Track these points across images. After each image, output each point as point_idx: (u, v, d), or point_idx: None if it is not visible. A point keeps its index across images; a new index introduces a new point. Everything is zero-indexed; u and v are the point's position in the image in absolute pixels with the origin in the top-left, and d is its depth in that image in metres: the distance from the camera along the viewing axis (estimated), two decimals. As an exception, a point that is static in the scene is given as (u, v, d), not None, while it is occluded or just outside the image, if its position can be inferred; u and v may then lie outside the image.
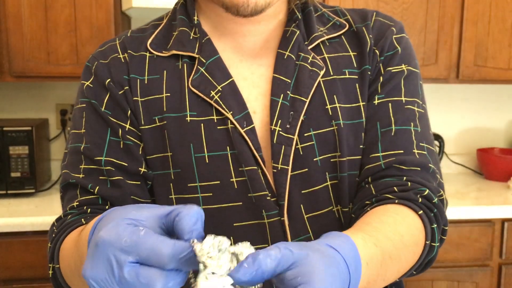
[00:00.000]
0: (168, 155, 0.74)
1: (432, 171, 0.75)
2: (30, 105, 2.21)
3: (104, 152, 0.74)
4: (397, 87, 0.77)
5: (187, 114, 0.74)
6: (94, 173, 0.74)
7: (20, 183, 1.91)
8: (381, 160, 0.74)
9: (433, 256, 0.71)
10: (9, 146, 1.89)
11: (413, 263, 0.69)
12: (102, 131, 0.75)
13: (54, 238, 0.70)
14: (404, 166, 0.74)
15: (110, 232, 0.45)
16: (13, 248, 1.69)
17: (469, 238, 1.90)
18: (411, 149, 0.75)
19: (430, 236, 0.70)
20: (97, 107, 0.75)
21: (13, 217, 1.68)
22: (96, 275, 0.44)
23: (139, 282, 0.43)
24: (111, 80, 0.75)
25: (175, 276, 0.44)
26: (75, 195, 0.74)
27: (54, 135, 2.22)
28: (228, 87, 0.74)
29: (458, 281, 1.93)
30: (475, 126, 2.50)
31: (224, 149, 0.73)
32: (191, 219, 0.45)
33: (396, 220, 0.67)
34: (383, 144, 0.75)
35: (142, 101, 0.75)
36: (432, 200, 0.71)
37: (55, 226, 0.73)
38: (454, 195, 2.04)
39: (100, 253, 0.44)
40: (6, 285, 1.71)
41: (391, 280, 0.65)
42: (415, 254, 0.68)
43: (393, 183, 0.72)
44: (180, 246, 0.44)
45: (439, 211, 0.72)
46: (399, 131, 0.75)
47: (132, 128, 0.75)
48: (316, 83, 0.75)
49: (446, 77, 2.10)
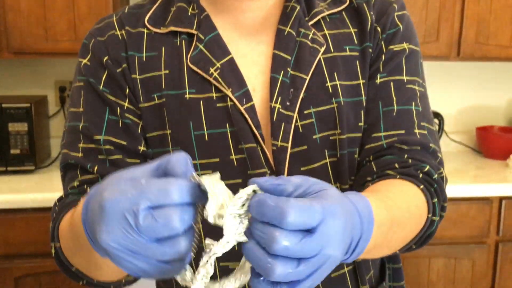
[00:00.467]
0: (167, 132, 0.74)
1: (432, 150, 0.75)
2: (28, 82, 2.19)
3: (103, 131, 0.74)
4: (399, 66, 0.77)
5: (186, 92, 0.73)
6: (93, 152, 0.74)
7: (20, 160, 1.91)
8: (383, 140, 0.75)
9: (433, 230, 0.72)
10: (8, 123, 1.88)
11: (415, 233, 0.70)
12: (101, 110, 0.74)
13: (55, 218, 0.71)
14: (406, 145, 0.74)
15: (113, 191, 0.45)
16: (14, 225, 1.70)
17: (466, 215, 1.91)
18: (412, 129, 0.75)
19: (432, 210, 0.70)
20: (95, 86, 0.75)
21: (14, 194, 1.69)
22: (115, 237, 0.44)
23: (157, 224, 0.43)
24: (109, 57, 0.75)
25: (188, 209, 0.45)
26: (75, 175, 0.74)
27: (53, 112, 2.22)
28: (227, 64, 0.74)
29: (455, 258, 1.95)
30: (475, 104, 2.49)
31: (224, 126, 0.73)
32: (181, 163, 0.46)
33: (403, 190, 0.68)
34: (385, 124, 0.75)
35: (141, 79, 0.74)
36: (432, 176, 0.72)
37: (57, 206, 0.73)
38: (453, 173, 2.05)
39: (110, 213, 0.44)
40: (8, 261, 1.72)
41: (393, 248, 0.66)
42: (418, 225, 0.69)
43: (394, 160, 0.73)
44: (183, 181, 0.45)
45: (439, 187, 0.73)
46: (400, 111, 0.76)
47: (130, 107, 0.75)
48: (317, 60, 0.74)
49: (447, 55, 2.08)
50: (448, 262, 1.95)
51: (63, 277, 1.75)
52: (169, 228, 0.44)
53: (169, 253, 0.45)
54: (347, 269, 0.78)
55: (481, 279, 1.97)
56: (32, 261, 1.73)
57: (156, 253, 0.45)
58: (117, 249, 0.45)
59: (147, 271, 0.46)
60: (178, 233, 0.44)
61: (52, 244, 0.70)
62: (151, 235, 0.44)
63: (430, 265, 1.94)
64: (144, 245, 0.44)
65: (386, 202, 0.62)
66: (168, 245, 0.44)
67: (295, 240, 0.43)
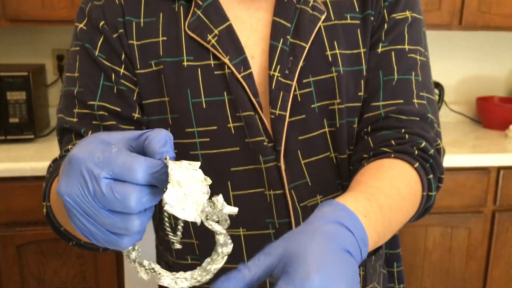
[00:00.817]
0: (165, 100, 0.74)
1: (430, 120, 0.75)
2: (26, 50, 2.17)
3: (97, 97, 0.73)
4: (401, 35, 0.76)
5: (184, 59, 0.73)
6: (87, 117, 0.73)
7: (19, 129, 1.91)
8: (381, 109, 0.74)
9: (431, 204, 0.73)
10: (6, 91, 1.87)
11: (413, 212, 0.70)
12: (95, 76, 0.74)
13: (49, 178, 0.71)
14: (403, 116, 0.74)
15: (83, 149, 0.45)
16: (14, 193, 1.71)
17: (464, 185, 1.93)
18: (411, 99, 0.75)
19: (427, 187, 0.71)
20: (91, 51, 0.74)
21: (14, 162, 1.70)
22: (71, 191, 0.44)
23: (114, 197, 0.43)
24: (105, 22, 0.74)
25: (149, 191, 0.44)
26: (71, 139, 0.74)
27: (51, 81, 2.20)
28: (225, 31, 0.73)
29: (452, 227, 1.97)
30: (476, 75, 2.48)
31: (221, 94, 0.72)
32: (160, 141, 0.45)
33: (391, 174, 0.68)
34: (384, 93, 0.75)
35: (138, 45, 0.74)
36: (428, 151, 0.72)
37: (51, 167, 0.74)
38: (452, 143, 2.05)
39: (73, 169, 0.44)
40: (9, 229, 1.74)
41: (396, 230, 0.66)
42: (415, 204, 0.70)
43: (391, 136, 0.73)
44: (151, 162, 0.44)
45: (435, 161, 0.72)
46: (400, 80, 0.75)
47: (126, 73, 0.74)
48: (317, 28, 0.73)
49: (449, 24, 2.06)
50: (444, 230, 1.97)
51: (64, 245, 1.78)
52: (124, 205, 0.43)
53: (118, 226, 0.44)
54: None
55: (477, 248, 2.00)
56: (34, 229, 1.75)
57: (105, 221, 0.44)
58: (71, 204, 0.45)
59: (95, 236, 0.46)
60: (132, 212, 0.44)
61: (44, 204, 0.70)
62: (105, 204, 0.44)
63: (426, 233, 1.97)
64: (96, 210, 0.44)
65: (368, 191, 0.62)
66: (119, 218, 0.44)
67: None
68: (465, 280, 2.03)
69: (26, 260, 1.77)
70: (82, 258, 1.81)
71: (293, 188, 0.74)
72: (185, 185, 0.44)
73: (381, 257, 0.87)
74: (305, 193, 0.75)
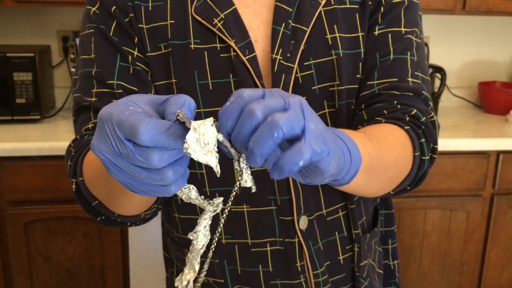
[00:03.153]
0: (173, 81, 0.76)
1: (424, 97, 0.77)
2: (31, 31, 2.19)
3: (115, 76, 0.75)
4: (397, 17, 0.78)
5: (191, 42, 0.75)
6: (106, 96, 0.76)
7: (25, 109, 1.93)
8: (375, 87, 0.77)
9: (425, 170, 0.74)
10: (13, 72, 1.89)
11: (406, 167, 0.72)
12: (112, 56, 0.76)
13: (74, 156, 0.72)
14: (397, 91, 0.76)
15: (107, 110, 0.46)
16: (21, 172, 1.75)
17: (464, 169, 1.95)
18: (406, 78, 0.77)
19: (419, 149, 0.73)
20: (106, 33, 0.76)
21: (21, 142, 1.73)
22: (100, 147, 0.46)
23: (136, 157, 0.44)
24: (117, 7, 0.76)
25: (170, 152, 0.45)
26: (89, 117, 0.76)
27: (56, 62, 2.22)
28: (231, 15, 0.75)
29: (451, 210, 2.00)
30: (478, 59, 2.48)
31: (227, 76, 0.75)
32: (177, 104, 0.46)
33: (377, 127, 0.71)
34: (379, 72, 0.77)
35: (147, 28, 0.76)
36: (419, 119, 0.74)
37: (72, 147, 0.75)
38: (453, 127, 2.07)
39: (100, 127, 0.46)
40: (17, 207, 1.78)
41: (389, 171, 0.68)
42: (407, 156, 0.71)
43: (383, 107, 0.75)
44: (158, 123, 0.44)
45: (427, 128, 0.74)
46: (395, 59, 0.77)
47: (140, 55, 0.76)
48: (317, 13, 0.75)
49: (452, 8, 2.06)
50: (443, 213, 2.01)
51: (70, 222, 1.82)
52: (147, 164, 0.45)
53: (154, 179, 0.46)
54: (342, 213, 0.82)
55: (475, 230, 2.03)
56: (40, 207, 1.79)
57: (141, 176, 0.46)
58: (105, 161, 0.46)
59: (139, 188, 0.47)
60: (156, 168, 0.45)
61: (73, 180, 0.72)
62: (133, 162, 0.45)
63: (425, 216, 2.00)
64: (128, 167, 0.46)
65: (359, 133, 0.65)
66: (152, 173, 0.45)
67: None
68: (462, 261, 2.06)
69: (33, 238, 1.82)
70: (88, 236, 1.85)
71: None
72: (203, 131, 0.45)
73: (376, 235, 0.90)
74: None
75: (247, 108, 0.45)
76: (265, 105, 0.45)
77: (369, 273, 0.88)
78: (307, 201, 0.79)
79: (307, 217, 0.79)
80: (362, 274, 0.86)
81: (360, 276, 0.85)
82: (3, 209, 1.78)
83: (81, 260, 1.87)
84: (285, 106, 0.45)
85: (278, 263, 0.81)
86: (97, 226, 1.84)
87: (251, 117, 0.44)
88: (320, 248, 0.81)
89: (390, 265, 0.96)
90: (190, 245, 0.53)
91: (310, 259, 0.80)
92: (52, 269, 1.86)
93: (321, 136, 0.46)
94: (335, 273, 0.84)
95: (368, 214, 0.88)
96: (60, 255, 1.85)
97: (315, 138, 0.45)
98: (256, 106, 0.44)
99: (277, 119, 0.43)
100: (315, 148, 0.45)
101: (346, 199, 0.82)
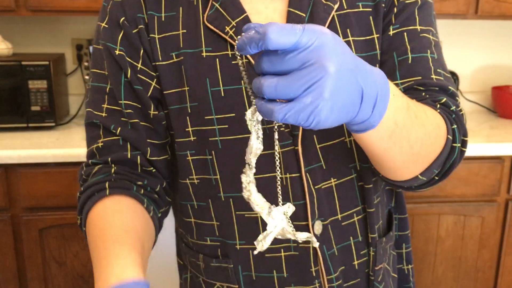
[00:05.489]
0: (185, 89, 0.77)
1: (451, 92, 0.76)
2: (46, 39, 2.22)
3: (122, 96, 0.77)
4: (411, 16, 0.78)
5: (203, 50, 0.76)
6: (116, 113, 0.78)
7: (40, 116, 1.96)
8: (400, 86, 0.76)
9: (454, 159, 0.72)
10: (28, 80, 1.92)
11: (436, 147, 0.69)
12: (118, 75, 0.78)
13: (83, 192, 0.77)
14: (423, 87, 0.75)
15: None
16: (36, 179, 1.77)
17: (478, 174, 1.93)
18: (429, 75, 0.76)
19: (451, 133, 0.70)
20: (112, 51, 0.78)
21: (36, 149, 1.75)
22: None
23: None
24: (126, 18, 0.77)
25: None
26: (99, 135, 0.79)
27: (70, 70, 2.25)
28: (242, 22, 0.75)
29: (465, 215, 1.98)
30: (491, 64, 2.47)
31: (239, 83, 0.75)
32: None
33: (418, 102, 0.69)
34: (400, 72, 0.77)
35: (159, 38, 0.77)
36: (450, 107, 0.73)
37: (83, 171, 0.79)
38: (466, 132, 2.05)
39: None
40: (32, 213, 1.80)
41: (415, 147, 0.66)
42: (439, 135, 0.69)
43: (411, 97, 0.72)
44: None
45: (458, 117, 0.73)
46: (416, 58, 0.77)
47: (143, 68, 0.77)
48: (330, 17, 0.76)
49: (464, 13, 2.05)
50: (457, 219, 1.99)
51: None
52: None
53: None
54: (357, 218, 0.82)
55: (490, 236, 2.01)
56: (55, 214, 1.81)
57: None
58: None
59: None
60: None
61: (79, 217, 0.76)
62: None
63: (439, 221, 1.98)
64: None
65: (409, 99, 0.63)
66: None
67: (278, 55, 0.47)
68: (477, 268, 2.04)
69: (47, 244, 1.84)
70: (102, 242, 1.86)
71: (308, 171, 0.77)
72: None
73: (391, 239, 0.90)
74: (320, 176, 0.78)
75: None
76: None
77: (384, 277, 0.88)
78: (321, 206, 0.79)
79: (321, 222, 0.79)
80: (377, 278, 0.85)
81: (375, 280, 0.85)
82: (19, 215, 1.80)
83: (95, 266, 1.88)
84: None
85: (292, 269, 0.81)
86: (110, 232, 1.85)
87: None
88: (335, 253, 0.81)
89: (404, 269, 0.96)
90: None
91: (325, 264, 0.80)
92: (67, 275, 1.87)
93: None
94: (349, 278, 0.84)
95: (383, 218, 0.88)
96: (74, 261, 1.86)
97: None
98: None
99: None
100: None
101: (364, 203, 0.82)
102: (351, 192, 0.80)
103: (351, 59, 0.50)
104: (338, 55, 0.48)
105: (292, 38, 0.46)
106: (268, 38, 0.45)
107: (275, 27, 0.46)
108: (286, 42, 0.46)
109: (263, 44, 0.46)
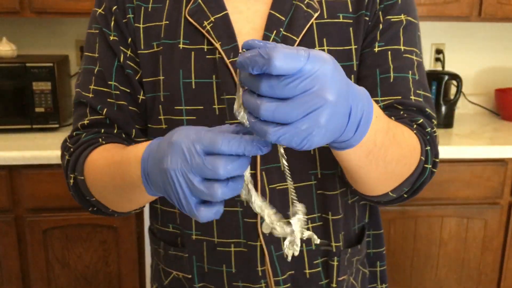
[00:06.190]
0: (160, 79, 0.79)
1: (428, 114, 0.77)
2: (50, 41, 2.23)
3: (113, 78, 0.80)
4: (396, 35, 0.79)
5: (180, 42, 0.78)
6: (103, 95, 0.80)
7: (44, 118, 1.97)
8: (380, 103, 0.77)
9: (424, 179, 0.74)
10: (32, 81, 1.93)
11: (409, 168, 0.71)
12: (111, 58, 0.81)
13: (73, 152, 0.78)
14: (402, 107, 0.77)
15: (182, 133, 0.56)
16: (40, 180, 1.78)
17: (481, 177, 1.93)
18: (409, 95, 0.77)
19: (425, 155, 0.72)
20: (107, 36, 0.81)
21: (40, 151, 1.76)
22: (175, 166, 0.55)
23: (206, 167, 0.53)
24: (117, 7, 0.80)
25: (234, 160, 0.53)
26: (85, 113, 0.81)
27: (74, 71, 2.26)
28: (221, 19, 0.77)
29: (468, 218, 1.98)
30: (495, 66, 2.47)
31: (210, 77, 0.77)
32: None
33: (397, 123, 0.71)
34: (381, 90, 0.78)
35: (144, 27, 0.80)
36: (425, 128, 0.74)
37: (68, 142, 0.81)
38: (469, 135, 2.06)
39: (175, 149, 0.55)
40: (36, 214, 1.81)
41: (389, 166, 0.67)
42: (413, 156, 0.70)
43: (390, 114, 0.75)
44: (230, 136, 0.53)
45: (432, 139, 0.74)
46: (397, 77, 0.78)
47: (132, 55, 0.80)
48: (309, 24, 0.77)
49: (468, 15, 2.05)
50: (460, 221, 1.99)
51: (88, 230, 1.84)
52: (213, 173, 0.53)
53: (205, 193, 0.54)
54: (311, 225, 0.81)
55: (493, 239, 2.01)
56: (59, 215, 1.81)
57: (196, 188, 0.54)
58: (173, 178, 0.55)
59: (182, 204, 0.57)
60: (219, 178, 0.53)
61: (71, 176, 0.78)
62: (200, 173, 0.54)
63: (442, 224, 1.98)
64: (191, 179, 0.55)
65: (390, 120, 0.65)
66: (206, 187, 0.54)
67: (280, 81, 0.47)
68: (480, 271, 2.04)
69: (51, 245, 1.84)
70: (105, 243, 1.87)
71: (264, 170, 0.78)
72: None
73: (359, 253, 0.88)
74: (276, 176, 0.78)
75: None
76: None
77: None
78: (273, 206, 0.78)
79: None
80: None
81: None
82: (23, 216, 1.80)
83: (98, 267, 1.88)
84: None
85: (240, 265, 0.81)
86: (114, 234, 1.86)
87: None
88: (284, 255, 0.81)
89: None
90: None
91: (272, 265, 0.80)
92: (70, 276, 1.88)
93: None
94: (301, 285, 0.83)
95: (351, 229, 0.87)
96: (77, 262, 1.87)
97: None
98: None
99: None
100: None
101: (323, 211, 0.81)
102: (307, 199, 0.80)
103: (345, 84, 0.51)
104: (337, 83, 0.49)
105: (296, 65, 0.46)
106: (273, 64, 0.45)
107: (281, 54, 0.46)
108: (290, 69, 0.46)
109: (267, 69, 0.46)
